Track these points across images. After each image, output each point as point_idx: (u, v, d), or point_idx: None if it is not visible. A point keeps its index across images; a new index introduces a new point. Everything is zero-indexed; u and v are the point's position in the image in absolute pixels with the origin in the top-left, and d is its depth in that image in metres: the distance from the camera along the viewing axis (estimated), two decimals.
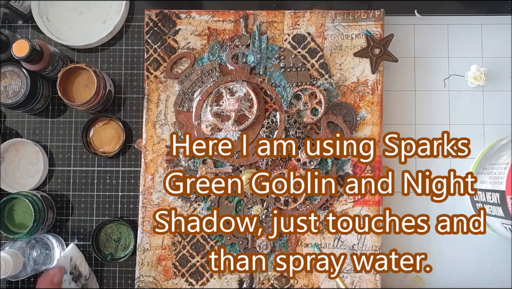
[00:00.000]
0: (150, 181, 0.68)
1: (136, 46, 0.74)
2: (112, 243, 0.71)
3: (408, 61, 0.72)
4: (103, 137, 0.72)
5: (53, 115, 0.74)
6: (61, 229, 0.72)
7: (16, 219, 0.68)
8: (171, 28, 0.70)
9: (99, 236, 0.70)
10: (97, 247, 0.70)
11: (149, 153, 0.69)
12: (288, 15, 0.70)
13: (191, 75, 0.69)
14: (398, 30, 0.72)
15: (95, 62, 0.74)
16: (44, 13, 0.74)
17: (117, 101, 0.73)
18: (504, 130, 0.71)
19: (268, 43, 0.69)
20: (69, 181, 0.73)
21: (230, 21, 0.70)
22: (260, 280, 0.67)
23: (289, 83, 0.69)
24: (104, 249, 0.70)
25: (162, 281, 0.67)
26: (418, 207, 0.70)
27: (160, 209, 0.68)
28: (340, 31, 0.69)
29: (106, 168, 0.73)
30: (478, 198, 0.67)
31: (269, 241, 0.67)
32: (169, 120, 0.69)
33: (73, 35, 0.74)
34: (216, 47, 0.70)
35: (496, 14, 0.73)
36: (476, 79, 0.70)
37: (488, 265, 0.70)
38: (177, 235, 0.68)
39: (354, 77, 0.69)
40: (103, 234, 0.70)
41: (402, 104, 0.72)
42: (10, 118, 0.74)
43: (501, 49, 0.72)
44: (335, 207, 0.68)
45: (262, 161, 0.68)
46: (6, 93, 0.68)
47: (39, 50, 0.65)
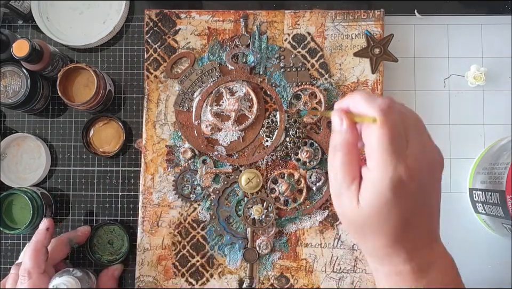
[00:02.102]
0: (150, 181, 0.68)
1: (136, 46, 0.74)
2: (106, 246, 0.70)
3: (408, 61, 0.72)
4: (103, 137, 0.72)
5: (53, 115, 0.74)
6: (60, 228, 0.72)
7: (14, 215, 0.68)
8: (171, 28, 0.70)
9: (93, 239, 0.70)
10: (91, 249, 0.70)
11: (149, 153, 0.69)
12: (288, 15, 0.70)
13: (191, 75, 0.69)
14: (398, 30, 0.72)
15: (95, 62, 0.74)
16: (44, 13, 0.74)
17: (117, 101, 0.73)
18: (504, 130, 0.71)
19: (268, 43, 0.69)
20: (69, 180, 0.73)
21: (230, 21, 0.70)
22: (260, 280, 0.67)
23: (289, 83, 0.69)
24: (99, 251, 0.70)
25: (162, 281, 0.67)
26: None
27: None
28: (340, 31, 0.69)
29: (106, 168, 0.73)
30: (478, 198, 0.66)
31: (268, 241, 0.67)
32: (169, 120, 0.69)
33: (73, 35, 0.74)
34: (216, 47, 0.70)
35: (496, 14, 0.73)
36: (475, 79, 0.70)
37: (488, 265, 0.70)
38: (177, 235, 0.68)
39: (354, 76, 0.69)
40: (97, 237, 0.70)
41: None
42: (10, 117, 0.74)
43: (501, 49, 0.72)
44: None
45: (262, 161, 0.68)
46: (6, 92, 0.68)
47: (39, 50, 0.65)
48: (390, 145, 0.38)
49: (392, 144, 0.38)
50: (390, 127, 0.38)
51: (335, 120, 0.41)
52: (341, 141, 0.41)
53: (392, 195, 0.38)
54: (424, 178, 0.39)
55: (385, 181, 0.37)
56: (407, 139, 0.39)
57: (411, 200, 0.38)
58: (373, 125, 0.39)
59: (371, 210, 0.38)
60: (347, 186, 0.40)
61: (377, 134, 0.38)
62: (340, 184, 0.40)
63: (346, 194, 0.40)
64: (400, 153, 0.38)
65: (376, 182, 0.38)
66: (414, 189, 0.38)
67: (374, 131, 0.39)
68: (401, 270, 0.40)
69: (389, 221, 0.38)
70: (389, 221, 0.38)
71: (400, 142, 0.38)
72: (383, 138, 0.38)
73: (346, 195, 0.40)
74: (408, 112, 0.41)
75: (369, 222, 0.39)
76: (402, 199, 0.38)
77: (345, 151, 0.40)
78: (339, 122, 0.41)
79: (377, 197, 0.38)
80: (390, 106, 0.39)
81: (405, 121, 0.40)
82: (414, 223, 0.39)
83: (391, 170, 0.37)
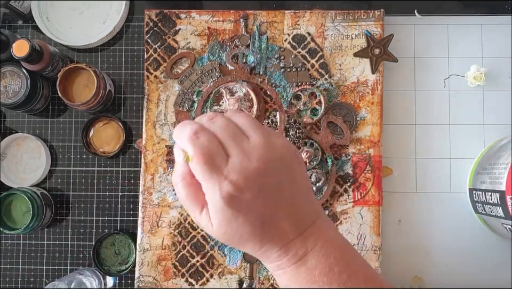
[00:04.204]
0: (150, 181, 0.68)
1: (136, 46, 0.74)
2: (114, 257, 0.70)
3: (408, 61, 0.72)
4: (103, 137, 0.72)
5: (53, 115, 0.74)
6: (60, 228, 0.72)
7: (14, 215, 0.68)
8: (171, 28, 0.70)
9: (100, 249, 0.70)
10: (99, 262, 0.70)
11: (149, 153, 0.69)
12: (288, 15, 0.70)
13: (191, 76, 0.69)
14: (398, 30, 0.72)
15: (95, 62, 0.74)
16: (44, 13, 0.74)
17: (117, 101, 0.73)
18: (504, 130, 0.71)
19: (268, 43, 0.69)
20: (69, 180, 0.73)
21: (230, 21, 0.70)
22: (260, 280, 0.67)
23: (289, 83, 0.69)
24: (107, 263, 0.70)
25: (162, 281, 0.67)
26: (419, 207, 0.70)
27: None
28: (340, 31, 0.69)
29: (106, 168, 0.73)
30: (478, 198, 0.67)
31: None
32: (169, 120, 0.69)
33: (73, 35, 0.74)
34: (216, 47, 0.70)
35: (496, 14, 0.73)
36: (475, 79, 0.70)
37: (488, 265, 0.70)
38: (177, 235, 0.68)
39: (354, 77, 0.69)
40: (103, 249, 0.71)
41: (402, 104, 0.72)
42: (10, 118, 0.74)
43: (501, 49, 0.72)
44: (335, 207, 0.68)
45: None
46: (6, 93, 0.68)
47: (39, 50, 0.65)
48: (206, 168, 0.39)
49: (206, 167, 0.39)
50: (200, 152, 0.39)
51: (176, 153, 0.42)
52: (178, 174, 0.42)
53: (231, 210, 0.39)
54: (259, 183, 0.39)
55: (218, 202, 0.39)
56: (227, 154, 0.40)
57: (254, 206, 0.39)
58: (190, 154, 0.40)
59: (223, 228, 0.40)
60: (199, 214, 0.41)
61: (192, 162, 0.39)
62: (193, 213, 0.42)
63: (201, 221, 0.41)
64: (219, 172, 0.39)
65: (213, 205, 0.39)
66: (252, 197, 0.39)
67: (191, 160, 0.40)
68: (279, 264, 0.41)
69: (244, 231, 0.40)
70: (244, 231, 0.40)
71: (216, 161, 0.39)
72: (196, 164, 0.39)
73: (201, 221, 0.41)
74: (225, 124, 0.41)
75: (229, 237, 0.40)
76: (244, 209, 0.39)
77: (184, 183, 0.41)
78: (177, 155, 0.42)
79: (220, 216, 0.39)
80: (196, 131, 0.40)
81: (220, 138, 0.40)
82: (272, 221, 0.40)
83: (217, 190, 0.38)
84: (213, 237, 0.42)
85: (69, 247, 0.72)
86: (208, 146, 0.39)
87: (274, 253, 0.41)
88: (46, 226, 0.71)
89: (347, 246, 0.43)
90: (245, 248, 0.42)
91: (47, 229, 0.72)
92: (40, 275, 0.72)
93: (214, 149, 0.39)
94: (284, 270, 0.41)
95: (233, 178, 0.39)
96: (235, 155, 0.39)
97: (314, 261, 0.41)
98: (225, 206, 0.39)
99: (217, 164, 0.39)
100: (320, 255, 0.41)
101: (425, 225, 0.70)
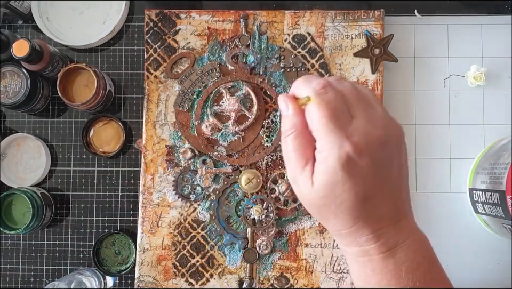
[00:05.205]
0: (150, 181, 0.68)
1: (136, 46, 0.74)
2: (114, 257, 0.71)
3: (408, 61, 0.72)
4: (103, 137, 0.72)
5: (53, 115, 0.74)
6: (60, 228, 0.72)
7: (14, 215, 0.68)
8: (171, 28, 0.70)
9: (100, 249, 0.70)
10: (99, 263, 0.70)
11: (149, 153, 0.69)
12: (288, 15, 0.70)
13: (191, 76, 0.69)
14: (398, 30, 0.72)
15: (95, 62, 0.74)
16: (44, 13, 0.74)
17: (117, 101, 0.73)
18: (504, 130, 0.71)
19: (268, 43, 0.69)
20: (69, 180, 0.73)
21: (230, 21, 0.70)
22: (260, 280, 0.67)
23: (289, 83, 0.69)
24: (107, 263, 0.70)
25: (162, 281, 0.67)
26: (418, 207, 0.70)
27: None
28: (340, 31, 0.69)
29: (106, 168, 0.73)
30: (478, 198, 0.67)
31: (268, 241, 0.67)
32: (169, 120, 0.69)
33: (73, 35, 0.74)
34: (216, 47, 0.70)
35: (496, 14, 0.73)
36: (475, 79, 0.70)
37: (488, 265, 0.70)
38: (177, 235, 0.68)
39: (354, 77, 0.69)
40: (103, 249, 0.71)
41: (402, 104, 0.72)
42: (10, 118, 0.74)
43: (501, 49, 0.72)
44: None
45: (262, 161, 0.68)
46: (6, 93, 0.68)
47: (39, 50, 0.65)
48: (330, 124, 0.37)
49: (331, 122, 0.37)
50: (326, 106, 0.38)
51: (281, 106, 0.41)
52: (289, 126, 0.40)
53: (343, 173, 0.37)
54: (377, 153, 0.38)
55: (334, 160, 0.37)
56: (352, 115, 0.38)
57: (366, 176, 0.37)
58: (312, 107, 0.38)
59: (325, 190, 0.38)
60: (301, 170, 0.39)
61: (315, 115, 0.38)
62: (294, 168, 0.40)
63: (301, 178, 0.39)
64: (343, 130, 0.37)
65: (325, 162, 0.37)
66: (367, 165, 0.37)
67: (313, 113, 0.38)
68: (367, 250, 0.39)
69: (345, 199, 0.38)
70: (345, 199, 0.38)
71: (341, 119, 0.38)
72: (321, 118, 0.38)
73: (301, 178, 0.39)
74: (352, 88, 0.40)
75: (326, 202, 0.38)
76: (355, 176, 0.37)
77: (294, 135, 0.40)
78: (285, 107, 0.40)
79: (329, 177, 0.37)
80: (324, 86, 0.39)
81: (347, 98, 0.39)
82: (374, 200, 0.38)
83: (336, 148, 0.37)
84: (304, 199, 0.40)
85: (69, 247, 0.72)
86: (335, 102, 0.38)
87: (365, 235, 0.39)
88: (46, 226, 0.71)
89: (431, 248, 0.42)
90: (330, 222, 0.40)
91: (47, 229, 0.72)
92: (40, 275, 0.72)
93: (341, 107, 0.38)
94: (371, 257, 0.39)
95: (355, 139, 0.37)
96: (360, 118, 0.38)
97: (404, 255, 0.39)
98: (339, 166, 0.37)
99: (341, 122, 0.38)
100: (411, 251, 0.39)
101: (425, 225, 0.70)
